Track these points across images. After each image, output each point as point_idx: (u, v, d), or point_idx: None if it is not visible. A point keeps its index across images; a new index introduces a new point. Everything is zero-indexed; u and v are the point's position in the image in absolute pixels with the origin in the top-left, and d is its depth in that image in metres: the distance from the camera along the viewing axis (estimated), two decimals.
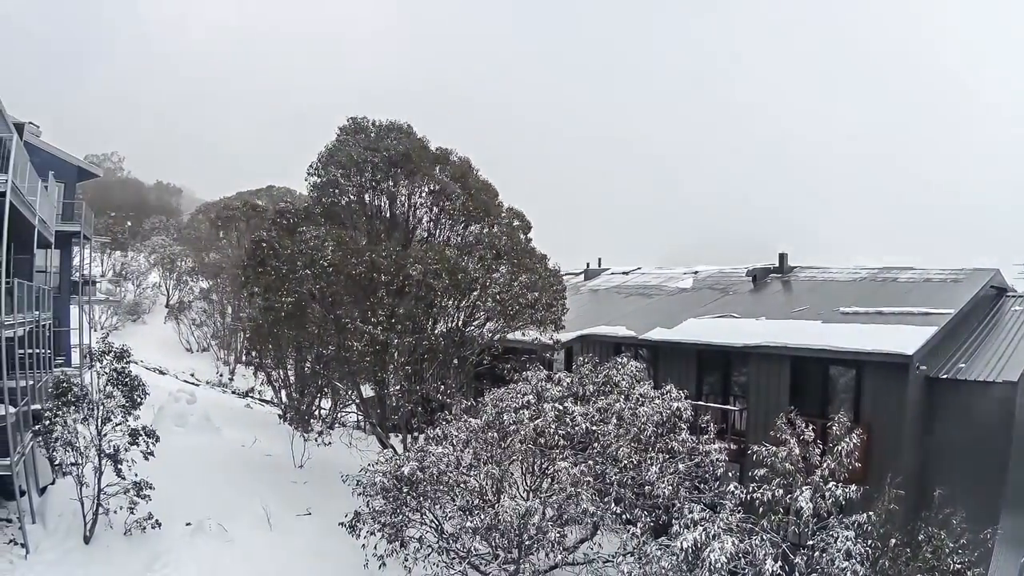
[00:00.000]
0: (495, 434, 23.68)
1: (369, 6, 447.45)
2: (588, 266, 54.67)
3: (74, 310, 46.51)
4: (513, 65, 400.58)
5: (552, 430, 22.82)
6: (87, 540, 27.29)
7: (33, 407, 29.55)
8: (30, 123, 40.76)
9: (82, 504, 27.24)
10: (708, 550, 17.50)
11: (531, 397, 24.63)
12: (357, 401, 41.67)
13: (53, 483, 30.81)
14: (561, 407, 23.61)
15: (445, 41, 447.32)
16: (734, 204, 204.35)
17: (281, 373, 49.62)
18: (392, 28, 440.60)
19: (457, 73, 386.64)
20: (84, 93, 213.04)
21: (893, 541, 18.46)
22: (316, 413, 48.60)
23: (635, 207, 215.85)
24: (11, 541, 26.20)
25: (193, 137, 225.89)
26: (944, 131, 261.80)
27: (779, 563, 17.54)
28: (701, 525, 18.35)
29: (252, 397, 66.92)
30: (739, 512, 19.26)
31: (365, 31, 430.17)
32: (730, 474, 22.88)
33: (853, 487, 18.36)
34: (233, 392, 71.37)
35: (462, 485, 23.14)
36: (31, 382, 30.48)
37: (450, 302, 36.83)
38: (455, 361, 37.34)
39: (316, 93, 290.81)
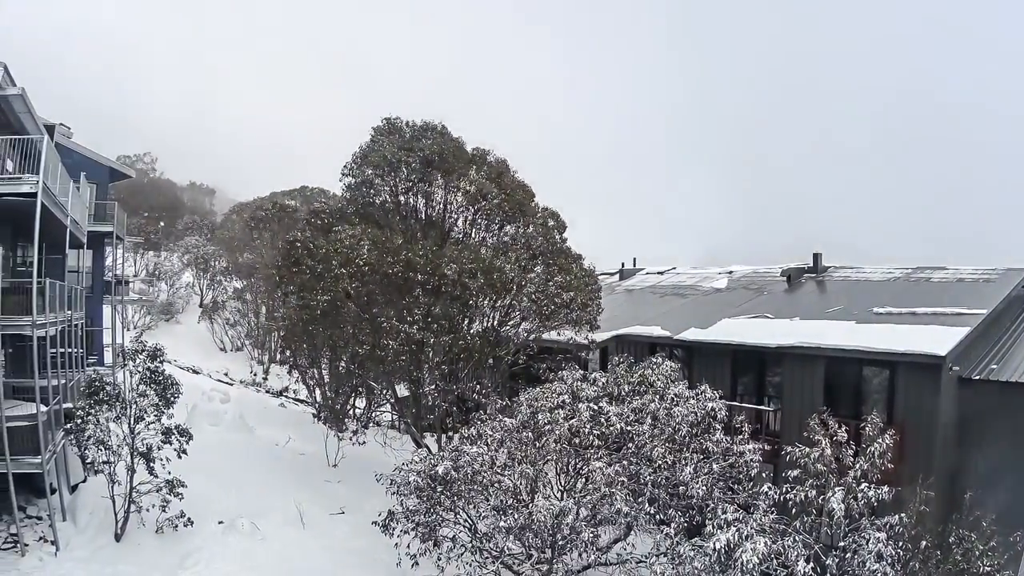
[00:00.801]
0: (530, 434, 23.81)
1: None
2: (623, 266, 54.75)
3: (107, 310, 47.21)
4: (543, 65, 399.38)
5: (587, 430, 22.89)
6: (118, 538, 27.66)
7: (65, 406, 30.08)
8: (61, 124, 41.28)
9: (113, 502, 27.63)
10: (740, 551, 17.63)
11: (566, 397, 24.62)
12: (392, 400, 41.88)
13: (84, 481, 31.17)
14: (596, 407, 23.68)
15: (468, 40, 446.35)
16: (768, 203, 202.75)
17: (315, 372, 50.06)
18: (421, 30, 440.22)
19: (487, 72, 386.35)
20: (117, 93, 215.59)
21: (924, 543, 18.56)
22: (350, 412, 48.95)
23: (670, 207, 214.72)
24: (41, 538, 26.57)
25: (227, 138, 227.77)
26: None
27: (811, 564, 17.65)
28: (734, 526, 18.48)
29: (286, 396, 67.44)
30: (772, 513, 19.37)
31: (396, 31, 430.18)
32: (764, 475, 22.91)
33: (885, 488, 18.44)
34: (267, 391, 71.86)
35: (496, 485, 23.31)
36: (63, 381, 30.99)
37: (486, 302, 37.14)
38: (490, 361, 37.66)
39: (346, 93, 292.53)
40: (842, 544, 18.40)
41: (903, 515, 18.47)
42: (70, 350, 33.12)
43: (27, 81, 27.54)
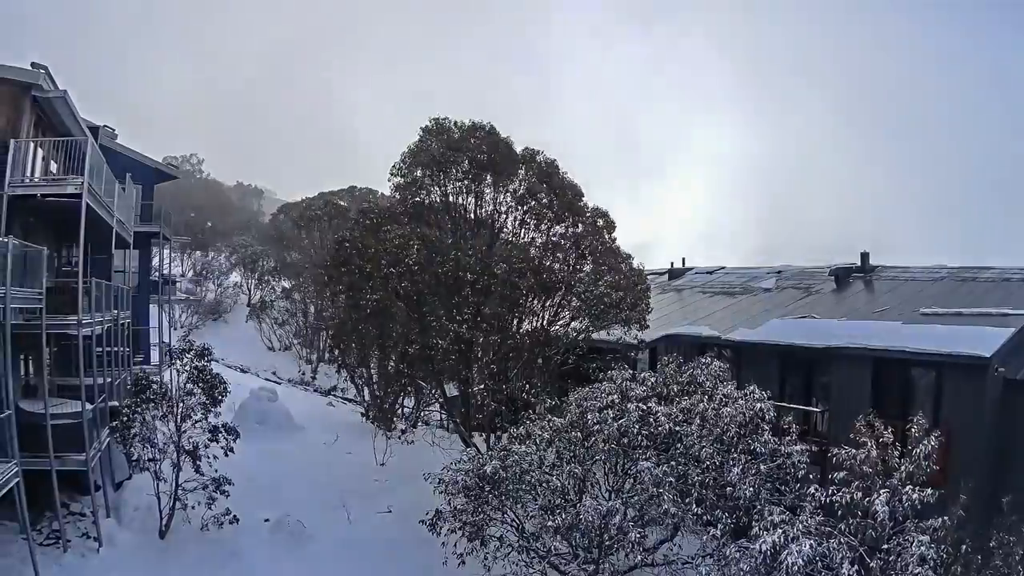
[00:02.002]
0: (578, 433, 23.96)
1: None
2: (672, 265, 54.94)
3: (154, 309, 48.24)
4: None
5: (635, 430, 22.99)
6: (162, 535, 28.47)
7: (111, 404, 30.85)
8: (105, 126, 42.14)
9: (158, 499, 28.50)
10: (786, 553, 17.71)
11: (615, 397, 24.54)
12: (441, 400, 42.28)
13: (130, 478, 32.08)
14: (645, 407, 23.66)
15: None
16: (818, 201, 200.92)
17: (364, 371, 50.70)
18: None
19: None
20: (161, 94, 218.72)
21: (965, 547, 18.59)
22: (399, 411, 49.51)
23: (719, 206, 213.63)
24: (84, 535, 27.29)
25: (273, 140, 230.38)
26: None
27: (855, 567, 17.72)
28: (780, 527, 18.53)
29: (334, 395, 68.28)
30: (819, 515, 19.44)
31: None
32: (811, 476, 22.91)
33: (929, 491, 18.32)
34: (315, 390, 72.75)
35: (544, 484, 23.46)
36: (109, 379, 31.78)
37: (535, 301, 37.58)
38: (540, 360, 37.89)
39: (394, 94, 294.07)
40: (886, 547, 18.31)
41: (946, 518, 18.47)
42: (116, 349, 33.83)
43: (74, 85, 28.26)
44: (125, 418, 28.81)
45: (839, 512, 19.15)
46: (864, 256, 41.02)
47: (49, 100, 27.21)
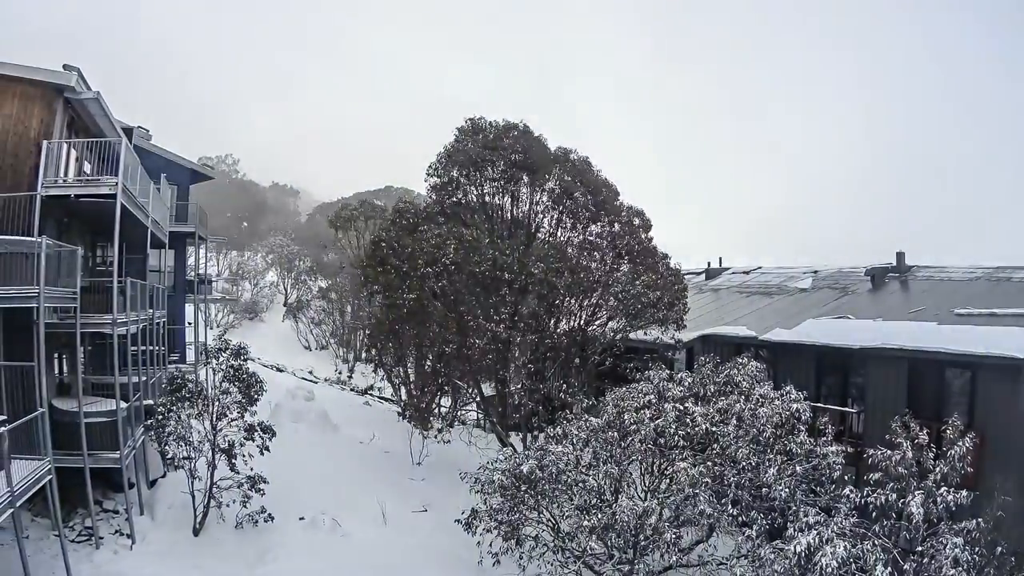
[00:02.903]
0: (615, 433, 23.97)
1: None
2: (709, 265, 55.01)
3: (189, 308, 48.83)
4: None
5: (672, 430, 23.08)
6: (196, 532, 28.58)
7: (146, 402, 31.20)
8: (139, 127, 42.71)
9: (193, 497, 28.57)
10: (820, 554, 17.71)
11: (652, 397, 24.76)
12: (478, 399, 42.73)
13: (164, 476, 32.23)
14: (682, 407, 23.79)
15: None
16: (854, 200, 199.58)
17: (401, 370, 50.89)
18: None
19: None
20: (199, 97, 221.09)
21: (999, 549, 18.56)
22: (436, 411, 49.78)
23: (756, 206, 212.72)
24: (117, 532, 27.46)
25: (310, 140, 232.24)
26: None
27: (889, 569, 17.70)
28: (815, 529, 18.58)
29: (371, 394, 68.69)
30: (853, 516, 19.43)
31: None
32: (846, 477, 22.82)
33: (964, 493, 18.30)
34: (352, 389, 73.17)
35: (580, 484, 23.56)
36: (144, 378, 32.24)
37: (572, 301, 37.86)
38: (577, 360, 38.12)
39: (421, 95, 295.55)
40: (920, 549, 18.35)
41: (980, 520, 18.38)
42: (151, 348, 34.26)
43: (112, 86, 28.62)
44: (160, 416, 29.08)
45: (873, 513, 19.23)
46: (900, 256, 40.87)
47: (82, 102, 27.49)
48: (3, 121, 25.66)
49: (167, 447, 29.12)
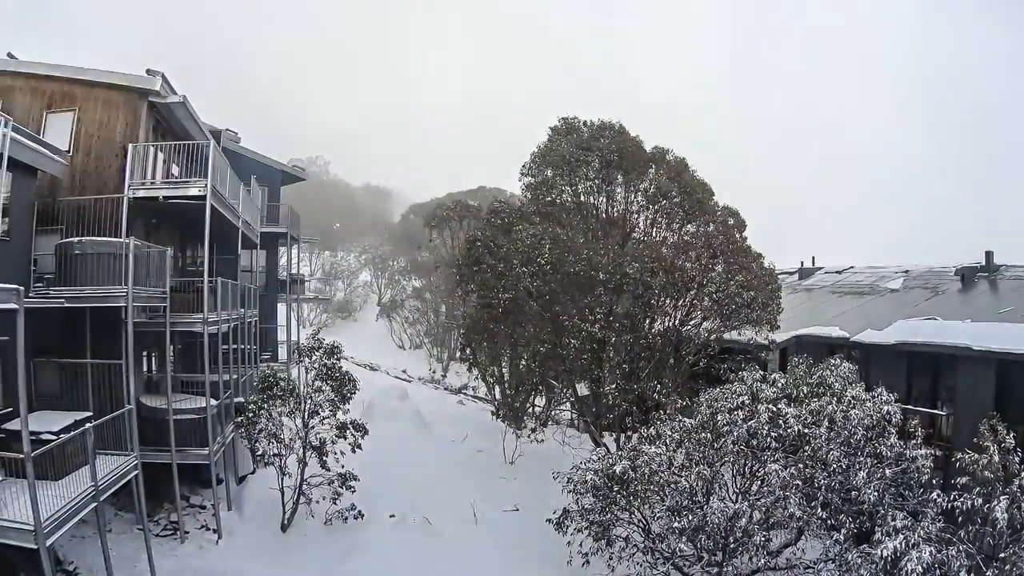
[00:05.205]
0: (708, 435, 23.99)
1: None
2: (802, 265, 54.90)
3: (281, 308, 50.09)
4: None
5: (765, 432, 22.95)
6: (284, 528, 29.46)
7: (236, 400, 32.36)
8: (227, 130, 43.93)
9: (282, 493, 29.47)
10: (906, 559, 17.80)
11: (746, 398, 24.57)
12: (572, 399, 42.89)
13: (253, 473, 33.49)
14: (775, 409, 23.63)
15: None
16: (943, 198, 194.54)
17: (495, 370, 51.50)
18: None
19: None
20: (292, 99, 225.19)
21: None
22: (529, 410, 50.22)
23: (850, 205, 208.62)
24: (203, 527, 28.51)
25: (403, 142, 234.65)
26: None
27: (971, 575, 17.76)
28: (902, 533, 18.59)
29: (465, 393, 69.56)
30: (939, 521, 19.44)
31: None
32: (934, 481, 22.61)
33: None
34: (446, 388, 74.12)
35: (672, 485, 23.75)
36: (235, 376, 33.31)
37: (667, 301, 37.89)
38: (671, 360, 38.30)
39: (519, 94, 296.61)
40: (1003, 555, 18.23)
41: None
42: (243, 346, 35.27)
43: (202, 90, 29.50)
44: (251, 414, 29.91)
45: (959, 518, 19.19)
46: (988, 255, 40.33)
47: (167, 105, 28.63)
48: (86, 125, 26.82)
49: (257, 444, 29.88)
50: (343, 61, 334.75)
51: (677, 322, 38.57)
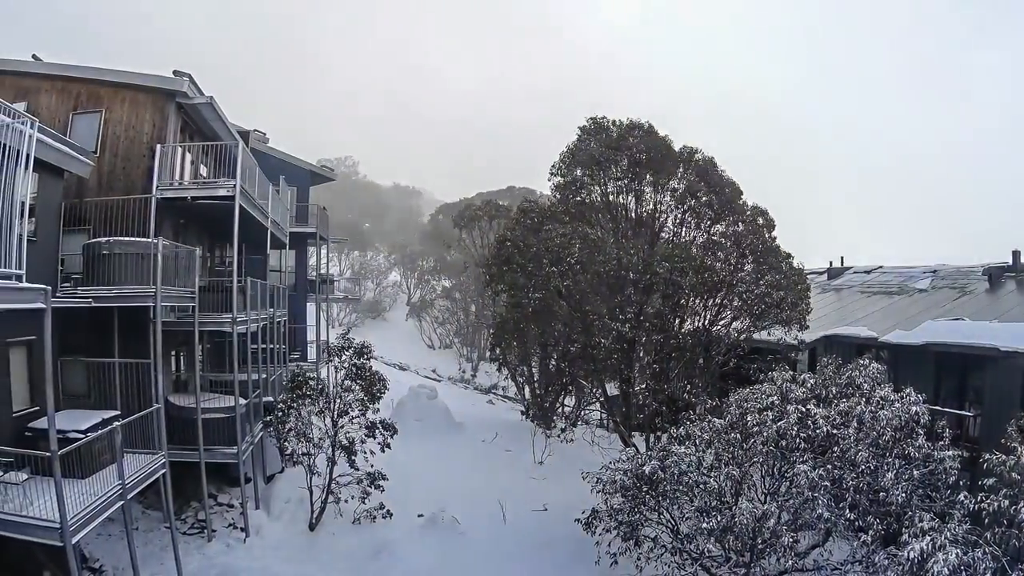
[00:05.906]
0: (737, 435, 23.98)
1: None
2: (831, 265, 54.60)
3: (311, 307, 50.35)
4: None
5: (794, 432, 22.82)
6: (312, 527, 29.66)
7: (266, 399, 32.64)
8: (255, 130, 44.27)
9: (311, 492, 29.73)
10: (932, 561, 17.59)
11: (775, 398, 24.53)
12: (601, 399, 42.78)
13: (282, 472, 33.52)
14: (804, 409, 23.51)
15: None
16: (970, 197, 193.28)
17: (525, 370, 51.66)
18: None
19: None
20: (318, 98, 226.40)
21: None
22: (559, 410, 50.24)
23: (874, 204, 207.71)
24: (230, 525, 28.73)
25: (427, 142, 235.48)
26: None
27: None
28: (929, 535, 18.40)
29: (494, 393, 69.78)
30: (966, 523, 19.22)
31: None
32: (961, 483, 22.48)
33: None
34: (475, 388, 74.35)
35: (702, 486, 23.73)
36: (264, 375, 33.61)
37: (697, 301, 37.94)
38: (701, 360, 38.35)
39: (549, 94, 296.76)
40: None
41: None
42: (272, 346, 35.53)
43: (227, 91, 29.66)
44: (280, 413, 30.17)
45: (986, 520, 19.00)
46: (1015, 254, 40.02)
47: (195, 106, 28.94)
48: (113, 126, 27.18)
49: (286, 443, 30.15)
50: (372, 57, 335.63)
51: (707, 322, 38.56)
